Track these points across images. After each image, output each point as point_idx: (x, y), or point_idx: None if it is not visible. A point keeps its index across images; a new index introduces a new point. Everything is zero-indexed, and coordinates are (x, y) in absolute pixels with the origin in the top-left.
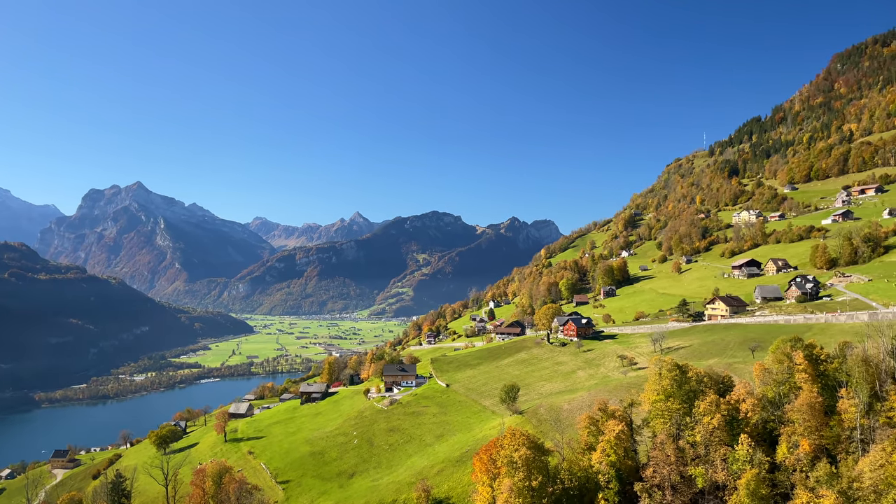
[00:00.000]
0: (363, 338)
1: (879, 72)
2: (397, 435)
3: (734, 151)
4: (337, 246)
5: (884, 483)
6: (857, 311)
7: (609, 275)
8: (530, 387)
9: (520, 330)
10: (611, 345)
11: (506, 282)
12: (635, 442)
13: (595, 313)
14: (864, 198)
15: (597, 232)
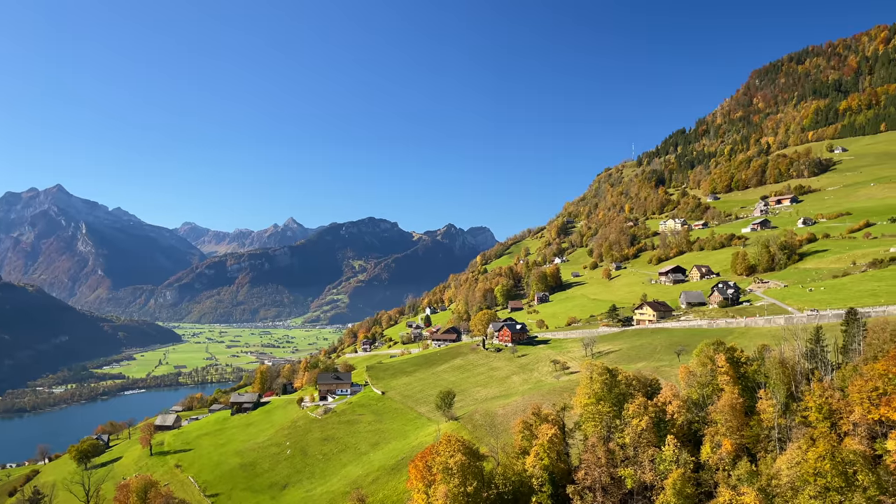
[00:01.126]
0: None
1: (794, 88)
2: (332, 444)
3: (661, 162)
4: (270, 252)
5: (800, 480)
6: (774, 316)
7: (543, 281)
8: (466, 393)
9: (456, 336)
10: (544, 350)
11: (442, 288)
12: (567, 445)
13: (529, 319)
14: (780, 207)
15: (531, 239)
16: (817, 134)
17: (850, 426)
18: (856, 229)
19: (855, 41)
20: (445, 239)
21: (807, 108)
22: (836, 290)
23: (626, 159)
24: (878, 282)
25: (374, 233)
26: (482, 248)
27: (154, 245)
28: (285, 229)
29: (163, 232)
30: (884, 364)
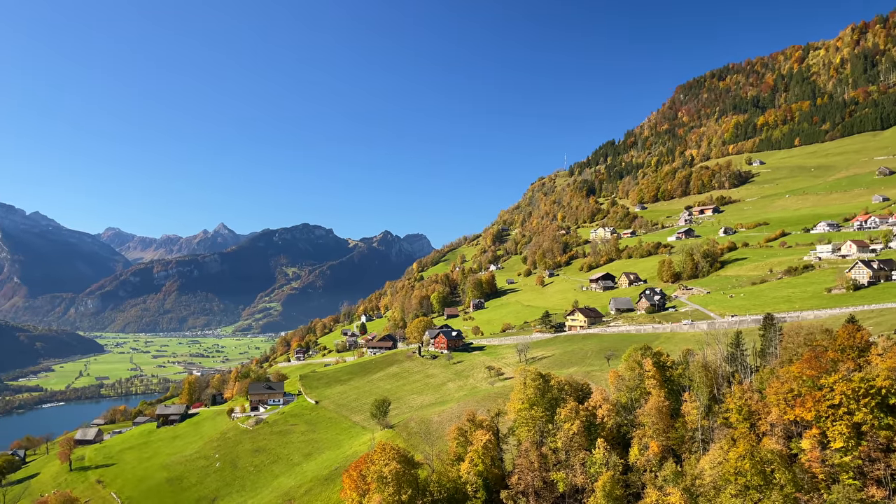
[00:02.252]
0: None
1: (716, 103)
2: (263, 455)
3: (591, 172)
4: (199, 259)
5: (722, 479)
6: (697, 321)
7: (478, 288)
8: (401, 400)
9: (392, 344)
10: (479, 356)
11: (378, 296)
12: (502, 450)
13: (465, 326)
14: (703, 217)
15: (467, 246)
16: (737, 147)
17: (767, 426)
18: (772, 238)
19: (772, 60)
20: (382, 246)
21: (727, 123)
22: (755, 297)
23: (559, 169)
24: (793, 288)
25: (309, 239)
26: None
27: (74, 251)
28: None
29: (84, 237)
30: (798, 367)
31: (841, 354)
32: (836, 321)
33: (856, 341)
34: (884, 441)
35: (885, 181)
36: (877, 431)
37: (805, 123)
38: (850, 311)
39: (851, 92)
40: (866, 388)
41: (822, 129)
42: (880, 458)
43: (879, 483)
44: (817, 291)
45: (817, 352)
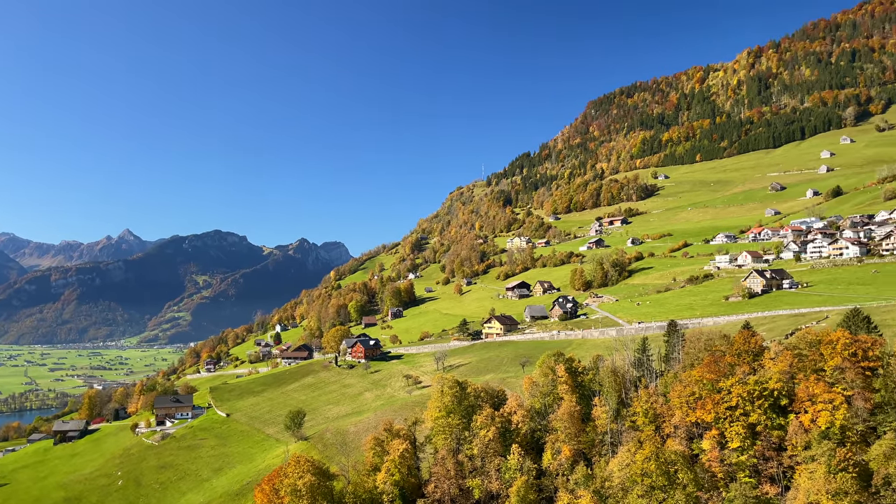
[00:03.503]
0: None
1: (625, 119)
2: (170, 472)
3: (508, 183)
4: (102, 266)
5: (629, 481)
6: (607, 328)
7: (397, 296)
8: (317, 411)
9: (307, 353)
10: (397, 365)
11: (294, 304)
12: (418, 459)
13: (383, 334)
14: (613, 228)
15: (386, 255)
16: (644, 162)
17: (671, 429)
18: (676, 249)
19: (675, 79)
20: (298, 254)
21: (635, 138)
22: (660, 304)
23: (477, 179)
24: (694, 296)
25: (221, 246)
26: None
27: None
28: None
29: None
30: (699, 371)
31: (737, 359)
32: (733, 327)
33: (751, 346)
34: (776, 440)
35: (776, 196)
36: (770, 431)
37: (705, 140)
38: (746, 317)
39: (747, 112)
40: (760, 390)
41: (721, 146)
42: (773, 456)
43: (773, 480)
44: (716, 299)
45: (716, 356)
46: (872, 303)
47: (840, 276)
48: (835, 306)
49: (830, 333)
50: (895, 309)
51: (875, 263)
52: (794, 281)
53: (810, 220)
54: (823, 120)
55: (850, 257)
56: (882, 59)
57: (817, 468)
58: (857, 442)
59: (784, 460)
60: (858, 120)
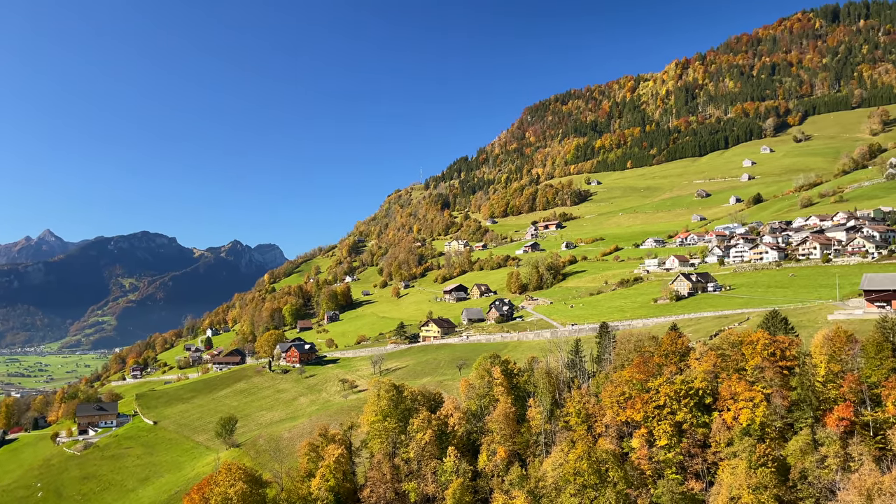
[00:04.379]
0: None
1: (559, 125)
2: (93, 482)
3: (446, 186)
4: (20, 268)
5: (562, 480)
6: (542, 330)
7: (333, 300)
8: (250, 417)
9: (240, 358)
10: (333, 369)
11: (226, 308)
12: (354, 464)
13: (319, 338)
14: (548, 232)
15: (322, 257)
16: (578, 167)
17: (603, 428)
18: (608, 253)
19: (608, 88)
20: (230, 256)
21: (569, 144)
22: (593, 306)
23: (415, 182)
24: (625, 299)
25: (149, 248)
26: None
27: None
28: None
29: None
30: (629, 371)
31: (665, 359)
32: (661, 329)
33: (678, 347)
34: (701, 437)
35: (702, 202)
36: (695, 429)
37: (636, 148)
38: (673, 319)
39: (675, 121)
40: (686, 389)
41: (651, 153)
42: (698, 453)
43: (698, 476)
44: (646, 301)
45: (645, 357)
46: (790, 305)
47: (760, 279)
48: (755, 308)
49: (751, 334)
50: (810, 311)
51: (792, 267)
52: (718, 284)
53: (733, 226)
54: (745, 130)
55: (769, 261)
56: (799, 73)
57: (739, 464)
58: (776, 438)
59: (708, 457)
60: (777, 131)
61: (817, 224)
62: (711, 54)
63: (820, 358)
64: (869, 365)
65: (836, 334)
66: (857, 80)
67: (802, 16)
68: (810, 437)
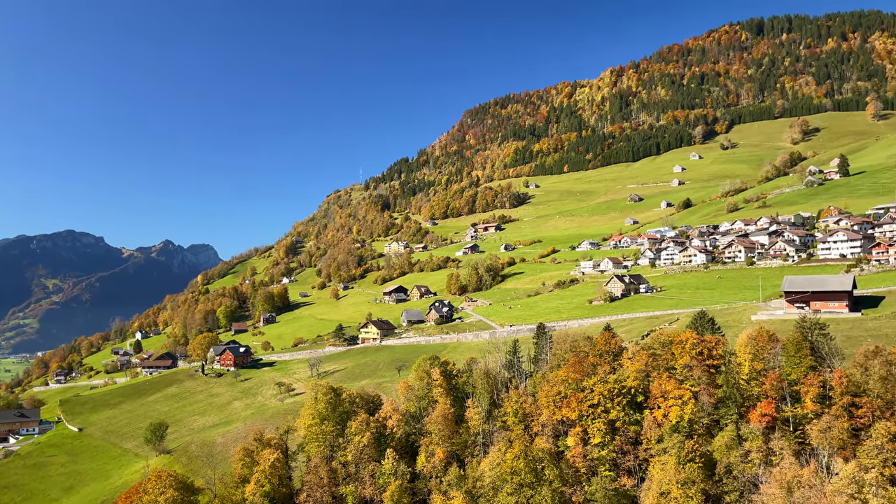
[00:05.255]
0: None
1: (499, 129)
2: (13, 493)
3: (386, 187)
4: None
5: (500, 479)
6: (481, 331)
7: (270, 301)
8: (182, 423)
9: (171, 362)
10: (269, 372)
11: (157, 310)
12: (290, 468)
13: (254, 341)
14: (487, 234)
15: (258, 258)
16: (517, 171)
17: (539, 427)
18: (545, 255)
19: (546, 93)
20: (162, 256)
21: (508, 148)
22: (530, 307)
23: (355, 183)
24: (561, 300)
25: (74, 248)
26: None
27: None
28: None
29: None
30: (565, 371)
31: (599, 359)
32: (596, 329)
33: (611, 347)
34: (633, 435)
35: (635, 206)
36: (628, 427)
37: (572, 152)
38: (607, 319)
39: (610, 127)
40: (619, 388)
41: (587, 158)
42: (630, 450)
43: (630, 472)
44: (581, 303)
45: (580, 357)
46: (716, 306)
47: (689, 281)
48: (685, 309)
49: (681, 334)
50: (735, 311)
51: (719, 270)
52: (650, 285)
53: (664, 230)
54: (676, 137)
55: (697, 264)
56: (727, 83)
57: (669, 460)
58: (703, 434)
59: (640, 453)
60: (706, 138)
61: (742, 228)
62: (644, 63)
63: (744, 357)
64: (789, 363)
65: (759, 334)
66: (780, 91)
67: (730, 28)
68: (735, 432)
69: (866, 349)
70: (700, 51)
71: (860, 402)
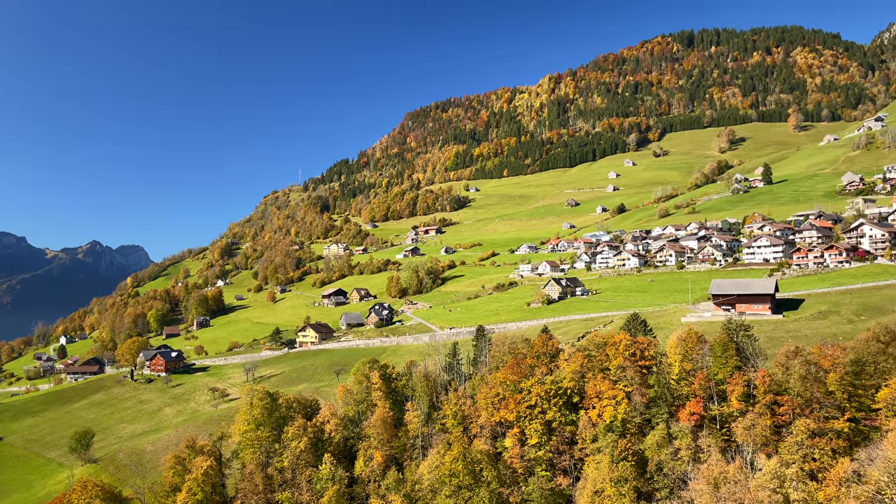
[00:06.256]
0: None
1: (440, 132)
2: None
3: (326, 189)
4: None
5: (438, 482)
6: (421, 334)
7: (204, 305)
8: (109, 430)
9: (98, 368)
10: (203, 377)
11: (83, 314)
12: (224, 476)
13: (187, 345)
14: (428, 237)
15: (192, 260)
16: (457, 174)
17: (478, 429)
18: (485, 258)
19: (486, 98)
20: (89, 258)
21: (449, 151)
22: (470, 310)
23: (293, 184)
24: (500, 303)
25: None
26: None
27: None
28: None
29: None
30: (503, 373)
31: (537, 361)
32: (534, 331)
33: (548, 349)
34: (569, 435)
35: (572, 211)
36: (564, 427)
37: (512, 157)
38: (545, 322)
39: (548, 133)
40: (556, 389)
41: (525, 163)
42: (566, 450)
43: (566, 472)
44: (520, 305)
45: (518, 359)
46: (649, 308)
47: (623, 284)
48: (619, 311)
49: (614, 336)
50: (666, 313)
51: (651, 273)
52: (586, 288)
53: (599, 234)
54: (611, 144)
55: (631, 268)
56: (659, 92)
57: (603, 459)
58: (636, 433)
59: (575, 453)
60: (639, 145)
61: (673, 233)
62: (581, 70)
63: (674, 357)
64: (716, 363)
65: (689, 335)
66: (709, 102)
67: (662, 39)
68: (665, 431)
69: (787, 350)
70: (634, 60)
71: (782, 400)
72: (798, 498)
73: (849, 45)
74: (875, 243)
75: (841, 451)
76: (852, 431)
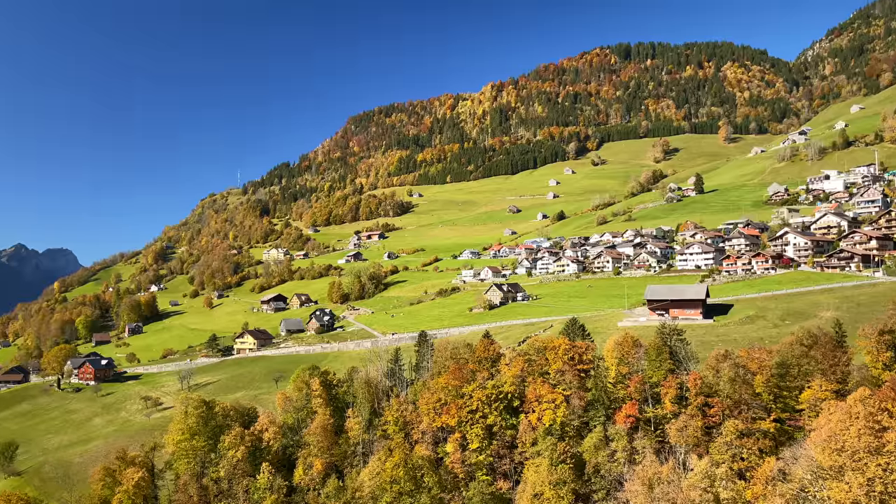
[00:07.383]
0: None
1: (383, 137)
2: None
3: (266, 192)
4: None
5: (379, 489)
6: (363, 340)
7: (136, 311)
8: (34, 442)
9: (23, 376)
10: (134, 386)
11: (6, 320)
12: (157, 488)
13: (118, 353)
14: (371, 242)
15: (124, 264)
16: (401, 179)
17: (420, 435)
18: (428, 263)
19: (429, 104)
20: (13, 262)
21: (393, 156)
22: (413, 316)
23: (232, 186)
24: (443, 308)
25: None
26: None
27: None
28: None
29: None
30: (445, 378)
31: (479, 365)
32: (476, 336)
33: (490, 353)
34: (509, 439)
35: (513, 217)
36: (504, 431)
37: (455, 163)
38: (486, 327)
39: (490, 140)
40: (497, 393)
41: (468, 169)
42: (507, 454)
43: (506, 476)
44: (462, 310)
45: (460, 364)
46: (587, 313)
47: (563, 289)
48: (558, 316)
49: (554, 340)
50: (604, 318)
51: (589, 279)
52: (527, 294)
53: (540, 240)
54: (552, 152)
55: (570, 273)
56: (597, 103)
57: (542, 462)
58: (574, 436)
59: (515, 457)
60: (578, 154)
61: (610, 240)
62: (523, 80)
63: (611, 361)
64: (651, 367)
65: (625, 340)
66: (645, 113)
67: (600, 51)
68: (603, 433)
69: (717, 353)
70: (574, 71)
71: (712, 402)
72: (727, 497)
73: (775, 61)
74: (799, 251)
75: (767, 451)
76: (778, 431)
